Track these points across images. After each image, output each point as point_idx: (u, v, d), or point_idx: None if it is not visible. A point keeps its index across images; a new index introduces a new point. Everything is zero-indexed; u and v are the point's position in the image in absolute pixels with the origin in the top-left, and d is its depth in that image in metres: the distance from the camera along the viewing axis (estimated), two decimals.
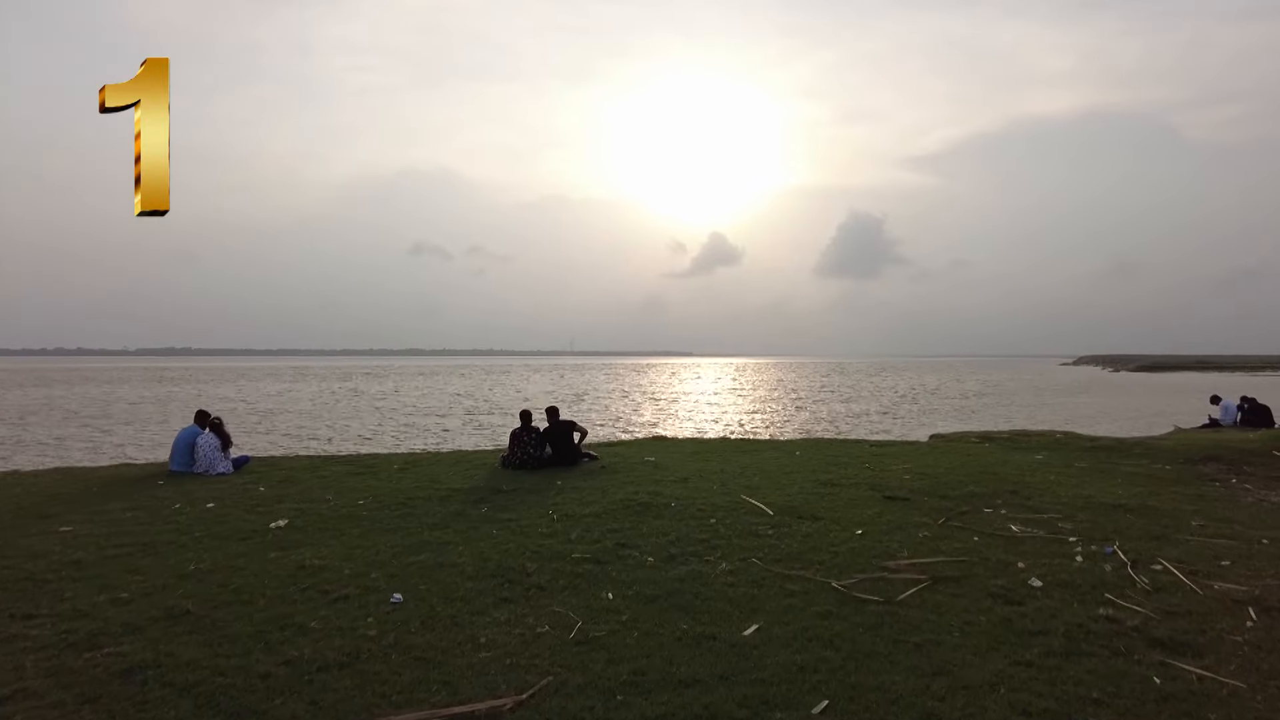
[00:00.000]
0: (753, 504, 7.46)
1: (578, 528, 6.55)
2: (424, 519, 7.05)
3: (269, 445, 21.84)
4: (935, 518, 6.96)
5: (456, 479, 9.12)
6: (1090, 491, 8.17)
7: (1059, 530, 6.46)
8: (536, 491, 8.29)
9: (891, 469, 9.74)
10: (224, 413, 13.12)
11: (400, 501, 7.80)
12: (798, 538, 6.20)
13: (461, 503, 7.74)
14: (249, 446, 17.05)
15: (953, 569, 5.33)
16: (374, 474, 9.62)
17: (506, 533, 6.45)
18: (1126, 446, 11.71)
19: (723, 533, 6.35)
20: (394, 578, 5.24)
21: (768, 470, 9.66)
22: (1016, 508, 7.43)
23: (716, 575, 5.20)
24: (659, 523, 6.73)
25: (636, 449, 12.23)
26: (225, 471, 9.79)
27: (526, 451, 9.80)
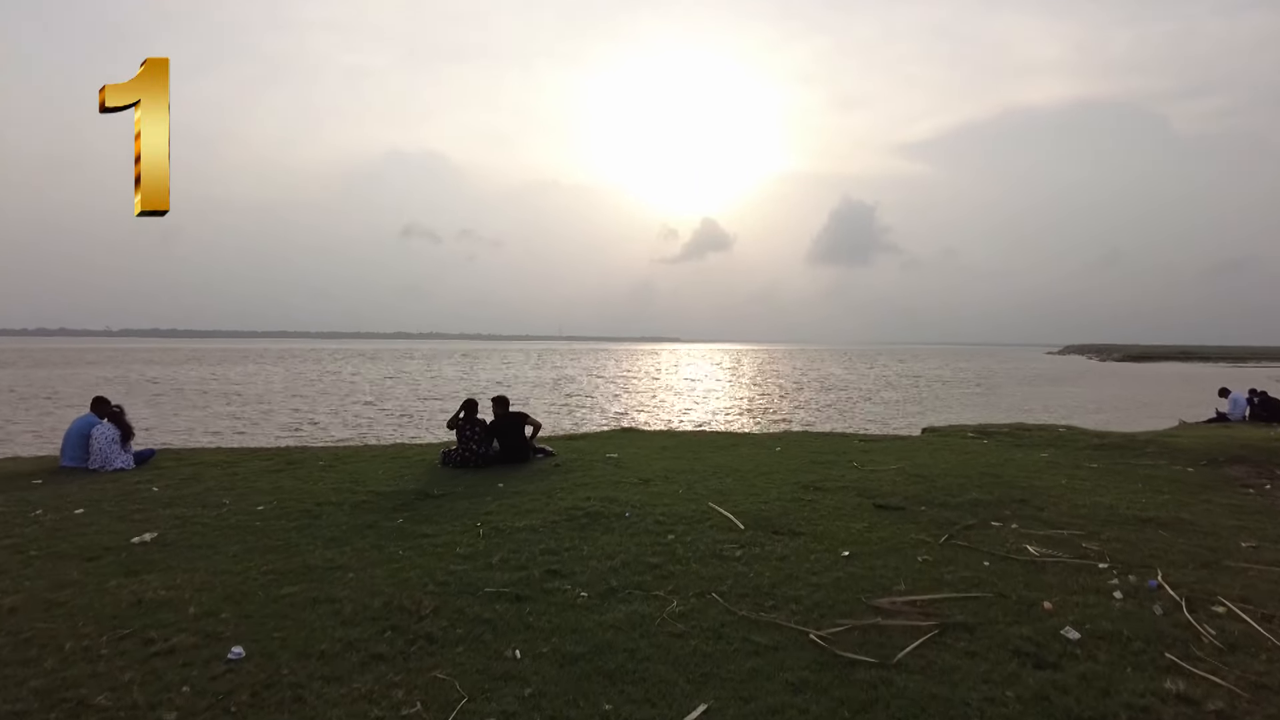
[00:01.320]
0: (721, 514, 6.32)
1: (505, 546, 5.38)
2: (324, 532, 5.86)
3: (202, 433, 20.55)
4: (935, 533, 5.86)
5: (384, 479, 7.93)
6: (1110, 500, 7.09)
7: (1085, 553, 5.36)
8: (471, 496, 7.11)
9: (882, 469, 8.64)
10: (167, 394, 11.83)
11: (306, 508, 6.61)
12: (771, 562, 5.06)
13: (378, 511, 6.55)
14: (179, 432, 15.79)
15: (963, 610, 4.21)
16: (293, 471, 8.41)
17: (416, 553, 5.27)
18: (1138, 444, 10.67)
19: (680, 554, 5.20)
20: (248, 619, 4.06)
21: (743, 470, 8.53)
22: (1028, 520, 6.34)
23: (664, 620, 4.05)
24: (606, 539, 5.57)
25: (600, 443, 11.06)
26: (124, 467, 8.55)
27: (469, 448, 8.61)
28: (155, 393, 35.34)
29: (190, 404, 29.74)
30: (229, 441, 18.27)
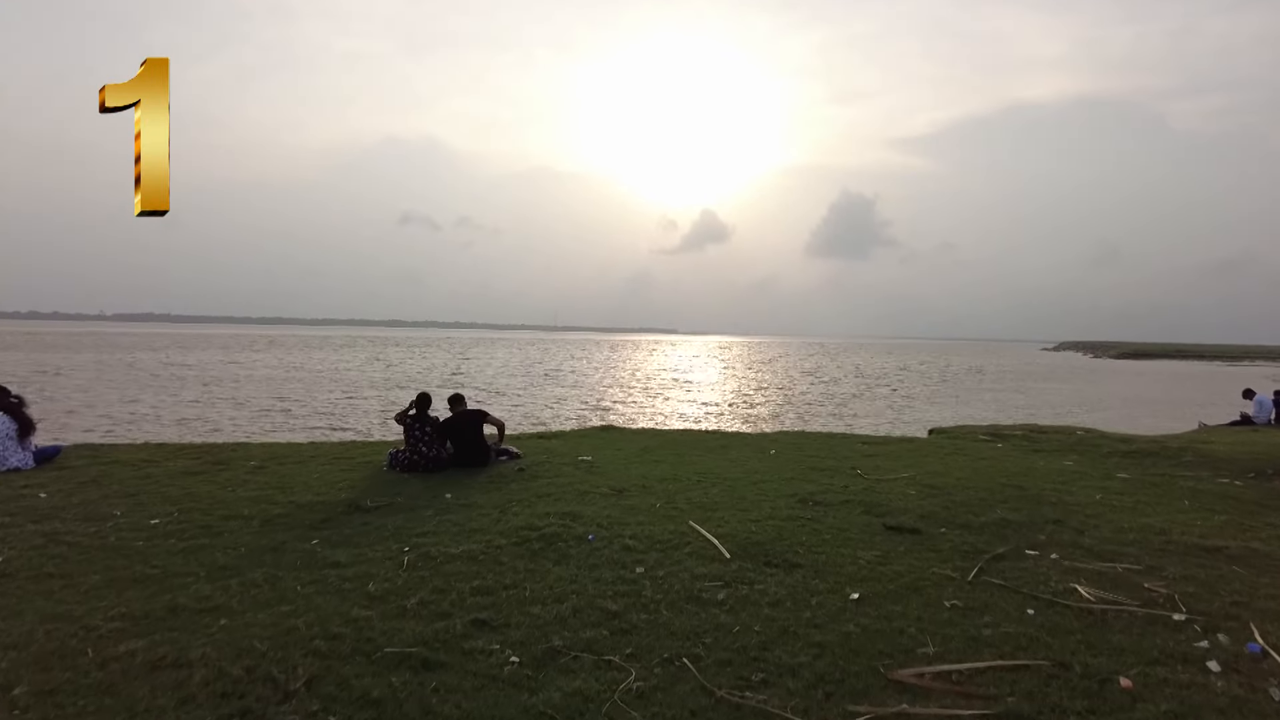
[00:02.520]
0: (703, 536, 5.27)
1: (430, 583, 4.31)
2: (215, 557, 4.78)
3: (168, 421, 19.42)
4: (961, 566, 4.82)
5: (315, 486, 6.85)
6: (1160, 521, 6.06)
7: (1151, 597, 4.32)
8: (410, 509, 6.04)
9: (890, 478, 7.61)
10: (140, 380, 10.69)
11: (208, 523, 5.53)
12: (762, 608, 4.01)
13: (292, 528, 5.48)
14: (133, 420, 14.63)
15: (1014, 687, 3.16)
16: (215, 474, 7.32)
17: (317, 590, 4.21)
18: (1170, 451, 9.66)
19: (648, 597, 4.13)
20: (52, 697, 2.98)
21: (732, 478, 7.48)
22: (1069, 548, 5.30)
23: (615, 705, 2.99)
24: (559, 572, 4.51)
25: (575, 443, 9.99)
26: (20, 466, 7.44)
27: (417, 449, 7.52)
28: (128, 377, 34.12)
29: (161, 389, 28.54)
30: (185, 433, 17.18)
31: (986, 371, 60.65)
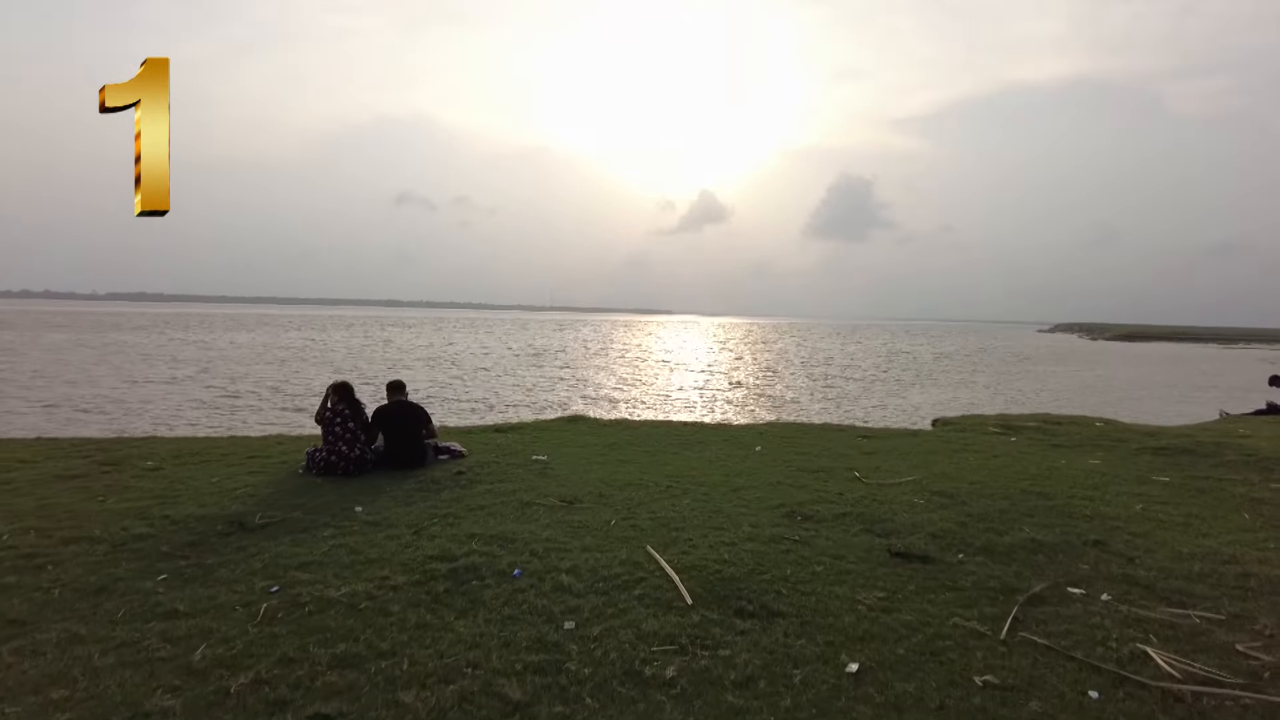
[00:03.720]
0: (661, 570, 4.16)
1: (282, 646, 3.19)
2: (12, 605, 3.63)
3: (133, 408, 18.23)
4: (989, 613, 3.72)
5: (204, 495, 5.69)
6: (1224, 545, 4.94)
7: (1253, 669, 3.22)
8: (303, 529, 4.88)
9: (892, 483, 6.50)
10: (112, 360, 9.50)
11: (35, 551, 4.37)
12: (724, 694, 2.90)
13: (140, 557, 4.32)
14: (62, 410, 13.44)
15: None
16: (95, 478, 6.16)
17: (119, 660, 3.07)
18: (1206, 447, 8.56)
19: (570, 676, 3.01)
20: None
21: (708, 483, 6.36)
22: (1123, 584, 4.20)
23: None
24: (459, 630, 3.39)
25: (535, 436, 8.84)
26: None
27: (336, 448, 6.36)
28: (100, 358, 32.86)
29: (116, 371, 27.30)
30: (111, 425, 16.00)
31: (988, 351, 59.64)
